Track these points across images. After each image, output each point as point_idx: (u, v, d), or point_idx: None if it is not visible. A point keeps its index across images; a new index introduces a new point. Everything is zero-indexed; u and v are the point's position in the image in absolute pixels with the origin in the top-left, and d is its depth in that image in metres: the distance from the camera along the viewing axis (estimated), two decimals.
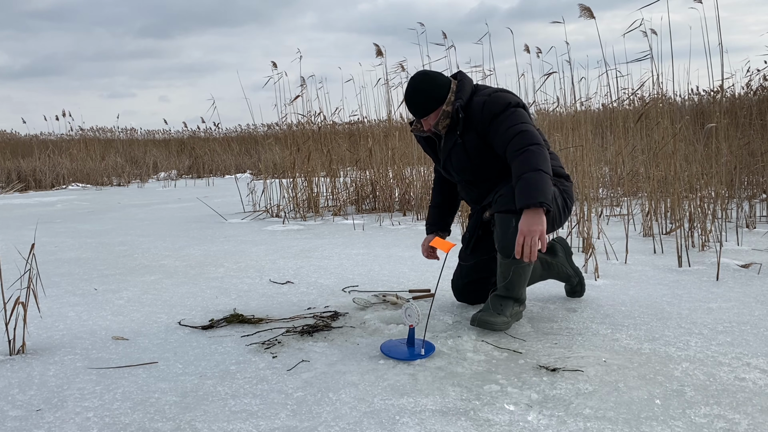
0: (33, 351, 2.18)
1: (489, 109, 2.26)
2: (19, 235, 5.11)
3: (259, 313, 2.57)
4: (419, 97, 2.33)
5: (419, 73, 2.39)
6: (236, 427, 1.56)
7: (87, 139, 14.94)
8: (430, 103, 2.32)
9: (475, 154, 2.33)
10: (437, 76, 2.37)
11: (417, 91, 2.34)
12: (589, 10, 4.03)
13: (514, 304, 2.28)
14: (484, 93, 2.35)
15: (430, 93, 2.32)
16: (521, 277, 2.25)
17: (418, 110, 2.35)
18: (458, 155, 2.36)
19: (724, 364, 1.89)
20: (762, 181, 5.30)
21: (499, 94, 2.31)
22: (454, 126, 2.34)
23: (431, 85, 2.33)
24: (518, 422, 1.54)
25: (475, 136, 2.31)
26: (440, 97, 2.32)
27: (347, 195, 6.36)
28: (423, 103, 2.33)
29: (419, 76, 2.36)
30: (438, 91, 2.32)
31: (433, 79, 2.35)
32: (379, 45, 6.00)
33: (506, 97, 2.29)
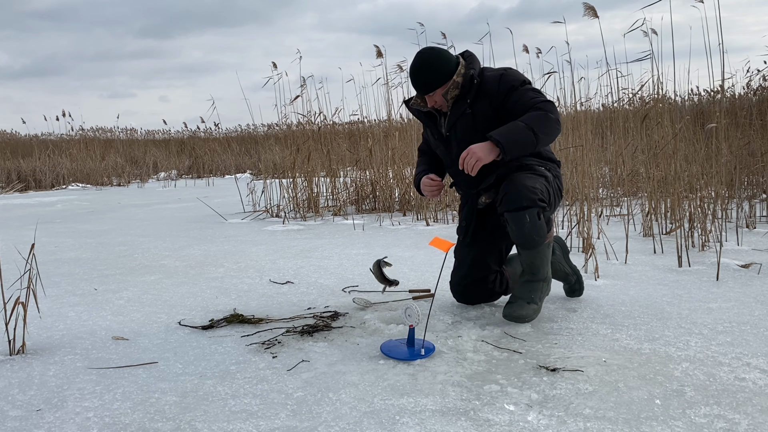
0: (33, 351, 2.18)
1: (507, 80, 2.28)
2: (19, 235, 5.11)
3: (259, 313, 2.57)
4: (427, 72, 2.29)
5: (426, 48, 2.35)
6: (236, 427, 1.56)
7: (87, 139, 14.94)
8: (438, 79, 2.29)
9: (482, 125, 2.30)
10: (444, 52, 2.34)
11: (424, 66, 2.29)
12: (593, 9, 4.04)
13: (542, 285, 2.39)
14: (494, 69, 2.36)
15: (438, 68, 2.28)
16: (545, 258, 2.37)
17: (424, 86, 2.31)
18: (465, 125, 2.34)
19: (724, 364, 1.90)
20: (762, 181, 5.30)
21: (512, 71, 2.36)
22: (464, 95, 2.31)
23: (439, 60, 2.29)
24: (518, 422, 1.54)
25: (486, 105, 2.30)
26: (448, 72, 2.29)
27: (347, 195, 6.36)
28: (431, 78, 2.29)
29: (427, 51, 2.32)
30: (446, 66, 2.29)
31: (440, 54, 2.31)
32: (379, 45, 6.01)
33: (520, 75, 2.35)
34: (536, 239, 2.27)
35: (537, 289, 2.37)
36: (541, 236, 2.28)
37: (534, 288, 2.37)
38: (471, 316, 2.45)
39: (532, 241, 2.27)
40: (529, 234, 2.24)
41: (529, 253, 2.33)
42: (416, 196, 5.73)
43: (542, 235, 2.28)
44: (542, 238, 2.29)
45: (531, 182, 2.24)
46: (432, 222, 5.29)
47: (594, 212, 4.21)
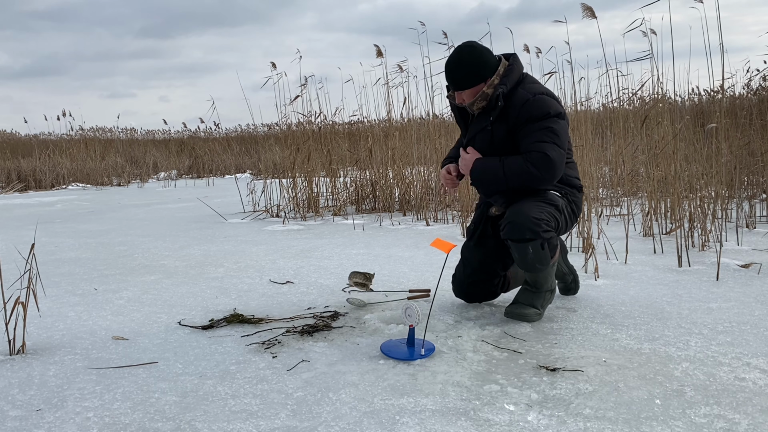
0: (33, 351, 2.18)
1: (528, 110, 2.23)
2: (19, 235, 5.11)
3: (259, 313, 2.57)
4: (462, 71, 2.26)
5: (467, 44, 2.30)
6: (236, 427, 1.56)
7: (87, 139, 14.92)
8: (471, 79, 2.26)
9: (499, 144, 2.31)
10: (485, 52, 2.28)
11: (461, 64, 2.25)
12: (591, 10, 4.04)
13: (547, 294, 2.40)
14: (530, 89, 2.28)
15: (474, 69, 2.25)
16: (549, 276, 2.37)
17: (456, 83, 2.28)
18: (483, 140, 2.34)
19: (724, 364, 1.89)
20: (762, 181, 5.30)
21: (543, 98, 2.26)
22: (488, 110, 2.29)
23: (477, 61, 2.25)
24: (518, 422, 1.54)
25: (505, 127, 2.28)
26: (483, 75, 2.25)
27: (347, 195, 6.36)
28: (463, 77, 2.26)
29: (467, 48, 2.27)
30: (482, 70, 2.25)
31: (480, 55, 2.26)
32: (379, 45, 6.00)
33: (549, 104, 2.25)
34: (539, 267, 2.29)
35: (540, 298, 2.38)
36: (544, 264, 2.28)
37: (537, 297, 2.38)
38: (471, 316, 2.45)
39: (535, 268, 2.30)
40: (532, 263, 2.27)
41: (532, 274, 2.35)
42: (416, 196, 5.73)
43: (546, 263, 2.28)
44: (545, 265, 2.29)
45: (536, 212, 2.21)
46: (432, 222, 5.29)
47: (594, 212, 4.21)
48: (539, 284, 2.37)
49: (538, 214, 2.21)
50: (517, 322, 2.34)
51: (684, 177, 4.05)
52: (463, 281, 2.55)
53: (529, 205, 2.24)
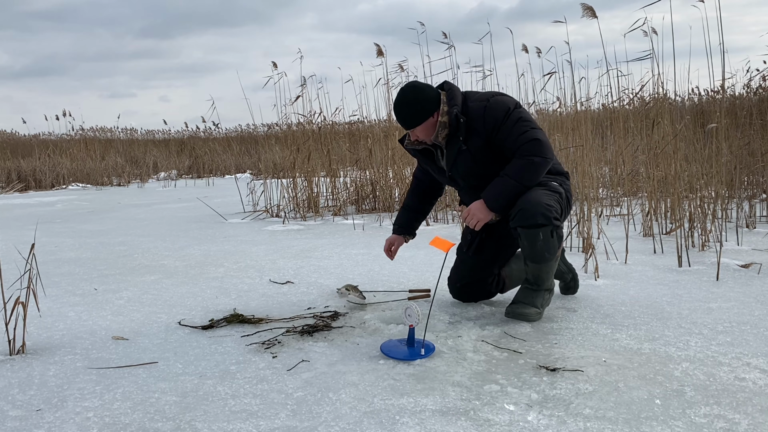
0: (33, 351, 2.18)
1: (492, 114, 2.29)
2: (19, 235, 5.11)
3: (259, 313, 2.57)
4: (409, 109, 2.33)
5: (408, 84, 2.39)
6: (236, 427, 1.56)
7: (87, 139, 14.92)
8: (420, 114, 2.32)
9: (481, 159, 2.35)
10: (426, 88, 2.37)
11: (406, 103, 2.33)
12: (592, 10, 4.04)
13: (546, 294, 2.40)
14: (479, 98, 2.37)
15: (419, 104, 2.32)
16: (551, 271, 2.38)
17: (407, 121, 2.35)
18: (465, 161, 2.37)
19: (724, 364, 1.89)
20: (762, 181, 5.30)
21: (498, 99, 2.35)
22: (454, 133, 2.34)
23: (420, 96, 2.33)
24: (518, 422, 1.54)
25: (479, 141, 2.33)
26: (429, 108, 2.32)
27: (347, 195, 6.36)
28: (413, 114, 2.33)
29: (408, 88, 2.36)
30: (427, 104, 2.32)
31: (421, 91, 2.34)
32: (380, 45, 6.00)
33: (505, 101, 2.34)
34: (547, 256, 2.30)
35: (540, 297, 2.39)
36: (552, 253, 2.30)
37: (537, 296, 2.38)
38: (471, 316, 2.45)
39: (543, 257, 2.30)
40: (541, 251, 2.28)
41: (537, 266, 2.34)
42: None
43: (553, 252, 2.30)
44: (553, 255, 2.31)
45: (547, 199, 2.26)
46: (432, 222, 5.29)
47: (594, 212, 4.21)
48: (541, 280, 2.36)
49: (548, 200, 2.26)
50: (517, 322, 2.34)
51: (684, 177, 4.05)
52: (457, 282, 2.61)
53: (537, 193, 2.28)
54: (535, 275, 2.36)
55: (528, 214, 2.23)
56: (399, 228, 2.70)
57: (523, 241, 2.29)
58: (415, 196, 2.70)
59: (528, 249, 2.29)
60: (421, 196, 2.69)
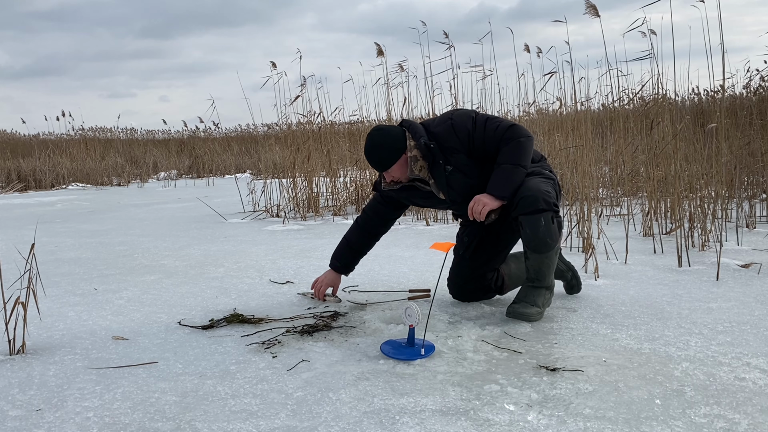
0: (33, 351, 2.18)
1: (461, 128, 2.37)
2: (19, 235, 5.11)
3: (259, 313, 2.57)
4: (380, 152, 2.38)
5: (374, 129, 2.45)
6: (236, 427, 1.56)
7: (87, 139, 14.92)
8: (392, 155, 2.37)
9: (471, 171, 2.38)
10: (390, 129, 2.43)
11: (375, 146, 2.38)
12: (595, 8, 4.04)
13: (546, 292, 2.41)
14: (440, 122, 2.43)
15: (389, 145, 2.37)
16: (552, 264, 2.39)
17: (381, 164, 2.40)
18: (457, 180, 2.39)
19: (724, 364, 1.89)
20: (762, 181, 5.30)
21: (458, 113, 2.45)
22: (433, 160, 2.37)
23: (387, 138, 2.38)
24: (518, 422, 1.54)
25: (461, 156, 2.37)
26: (399, 147, 2.37)
27: (347, 195, 6.36)
28: (385, 156, 2.38)
29: (374, 132, 2.42)
30: (395, 142, 2.37)
31: (387, 133, 2.40)
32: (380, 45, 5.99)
33: (465, 112, 2.45)
34: (549, 242, 2.31)
35: (541, 295, 2.39)
36: (553, 240, 2.32)
37: (538, 294, 2.39)
38: (471, 316, 2.45)
39: (545, 244, 2.31)
40: (543, 237, 2.29)
41: (538, 257, 2.35)
42: None
43: (555, 238, 2.32)
44: (554, 241, 2.33)
45: (545, 186, 2.32)
46: (432, 222, 5.29)
47: (594, 212, 4.21)
48: (542, 275, 2.37)
49: (546, 187, 2.32)
50: (517, 322, 2.34)
51: (684, 177, 4.05)
52: (457, 281, 2.62)
53: (535, 181, 2.33)
54: (536, 269, 2.36)
55: (529, 201, 2.27)
56: (341, 266, 2.69)
57: (525, 229, 2.31)
58: (363, 235, 2.68)
59: (530, 236, 2.30)
60: (368, 236, 2.68)
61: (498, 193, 2.30)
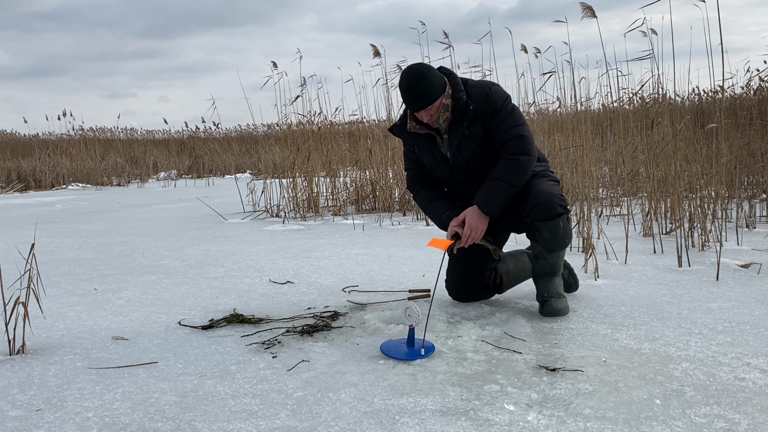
0: (33, 351, 2.18)
1: (492, 102, 2.33)
2: (19, 235, 5.11)
3: (259, 313, 2.57)
4: (424, 84, 2.26)
5: (414, 64, 2.36)
6: (236, 427, 1.56)
7: (87, 139, 14.92)
8: (435, 90, 2.28)
9: (483, 144, 2.37)
10: (429, 66, 2.38)
11: (420, 78, 2.27)
12: (591, 9, 4.05)
13: (559, 279, 2.53)
14: (479, 85, 2.40)
15: (434, 80, 2.28)
16: (563, 255, 2.51)
17: (424, 98, 2.27)
18: (469, 146, 2.37)
19: (724, 364, 1.89)
20: (762, 181, 5.30)
21: (497, 88, 2.40)
22: (458, 118, 2.34)
23: (432, 73, 2.30)
24: (518, 422, 1.54)
25: (480, 126, 2.35)
26: (442, 84, 2.31)
27: (347, 195, 6.36)
28: (427, 90, 2.26)
29: (417, 66, 2.33)
30: (439, 79, 2.31)
31: (430, 68, 2.33)
32: (378, 45, 6.00)
33: (502, 91, 2.40)
34: (566, 241, 2.42)
35: (559, 284, 2.50)
36: (569, 238, 2.42)
37: (557, 284, 2.49)
38: (471, 316, 2.45)
39: (564, 244, 2.41)
40: (562, 239, 2.38)
41: (555, 255, 2.44)
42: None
43: (570, 236, 2.42)
44: (570, 238, 2.42)
45: (555, 189, 2.37)
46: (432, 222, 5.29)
47: (594, 212, 4.21)
48: (558, 266, 2.48)
49: (557, 190, 2.37)
50: (517, 322, 2.35)
51: (684, 177, 4.05)
52: (456, 281, 2.61)
53: (546, 185, 2.36)
54: (552, 264, 2.47)
55: (546, 207, 2.30)
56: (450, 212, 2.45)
57: (544, 233, 2.35)
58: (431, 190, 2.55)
59: (549, 240, 2.37)
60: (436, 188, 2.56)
61: (486, 209, 2.31)
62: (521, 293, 2.78)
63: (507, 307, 2.56)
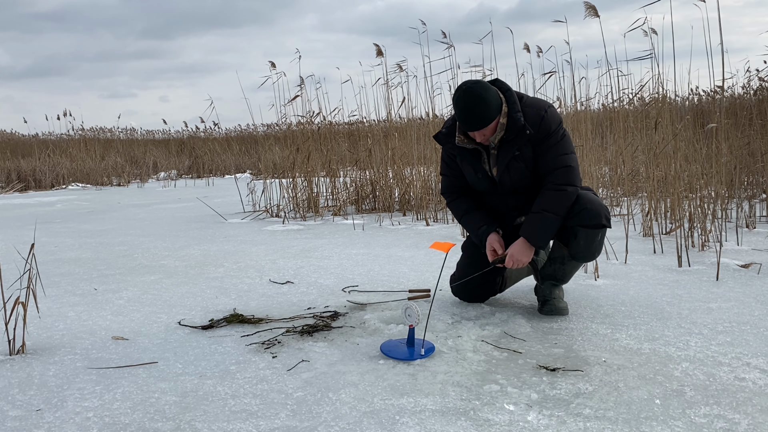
0: (33, 351, 2.18)
1: (547, 125, 2.30)
2: (19, 235, 5.11)
3: (259, 313, 2.57)
4: (482, 107, 2.20)
5: (470, 82, 2.25)
6: (236, 427, 1.56)
7: (87, 139, 14.92)
8: (492, 112, 2.22)
9: (531, 166, 2.36)
10: (487, 84, 2.27)
11: (479, 99, 2.20)
12: (594, 9, 4.06)
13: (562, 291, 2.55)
14: (535, 105, 2.32)
15: (491, 101, 2.22)
16: (576, 271, 2.53)
17: (482, 121, 2.22)
18: (518, 167, 2.34)
19: (724, 364, 1.90)
20: (762, 181, 5.30)
21: (552, 111, 2.35)
22: (511, 138, 2.29)
23: (489, 93, 2.22)
24: (518, 422, 1.54)
25: (530, 148, 2.33)
26: (499, 105, 2.25)
27: (347, 195, 6.36)
28: (486, 112, 2.21)
29: (474, 85, 2.23)
30: (496, 100, 2.24)
31: (488, 87, 2.24)
32: (379, 45, 6.00)
33: (557, 115, 2.36)
34: (595, 255, 2.42)
35: (562, 291, 2.54)
36: (599, 253, 2.43)
37: (561, 290, 2.53)
38: (471, 316, 2.45)
39: (592, 257, 2.41)
40: (593, 252, 2.38)
41: (577, 264, 2.47)
42: (416, 196, 5.73)
43: (599, 253, 2.44)
44: (598, 255, 2.43)
45: (604, 203, 2.38)
46: (432, 222, 5.29)
47: None
48: (568, 277, 2.51)
49: (604, 204, 2.39)
50: (517, 322, 2.35)
51: (684, 177, 4.05)
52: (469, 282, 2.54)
53: (594, 196, 2.39)
54: (567, 272, 2.48)
55: (593, 214, 2.30)
56: (488, 226, 2.43)
57: (580, 240, 2.34)
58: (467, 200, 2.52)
59: (583, 248, 2.36)
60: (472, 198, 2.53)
61: (535, 242, 2.31)
62: (521, 293, 2.78)
63: (507, 307, 2.56)
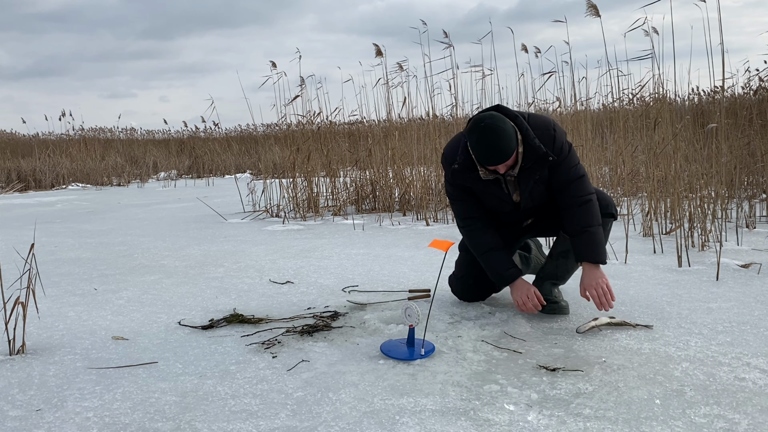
0: (33, 351, 2.18)
1: (559, 143, 2.32)
2: (19, 235, 5.11)
3: (259, 313, 2.57)
4: (505, 140, 2.17)
5: (486, 117, 2.20)
6: (236, 427, 1.56)
7: (87, 139, 14.92)
8: (512, 144, 2.20)
9: (548, 186, 2.37)
10: (499, 115, 2.24)
11: (498, 133, 2.16)
12: (595, 8, 4.06)
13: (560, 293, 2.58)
14: (542, 126, 2.31)
15: (510, 133, 2.19)
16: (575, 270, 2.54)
17: (506, 154, 2.19)
18: (539, 190, 2.36)
19: (724, 364, 1.90)
20: (762, 181, 5.30)
21: (559, 127, 2.36)
22: (530, 165, 2.28)
23: (506, 125, 2.19)
24: (518, 422, 1.54)
25: (547, 169, 2.33)
26: (514, 134, 2.22)
27: (347, 195, 6.36)
28: (507, 145, 2.17)
29: (490, 120, 2.18)
30: (512, 130, 2.21)
31: (503, 119, 2.21)
32: (379, 45, 6.00)
33: (562, 129, 2.38)
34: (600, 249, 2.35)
35: (561, 294, 2.55)
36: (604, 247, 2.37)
37: (560, 291, 2.55)
38: (471, 316, 2.45)
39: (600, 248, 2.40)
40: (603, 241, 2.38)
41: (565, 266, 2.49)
42: (416, 196, 5.73)
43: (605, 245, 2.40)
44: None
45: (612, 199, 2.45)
46: (432, 222, 5.29)
47: None
48: (567, 275, 2.53)
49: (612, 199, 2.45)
50: (517, 322, 2.35)
51: (684, 177, 4.05)
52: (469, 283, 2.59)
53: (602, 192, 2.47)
54: (566, 268, 2.49)
55: (604, 203, 2.38)
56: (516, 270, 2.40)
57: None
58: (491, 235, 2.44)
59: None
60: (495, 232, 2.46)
61: (597, 259, 2.30)
62: None
63: (507, 307, 2.56)
